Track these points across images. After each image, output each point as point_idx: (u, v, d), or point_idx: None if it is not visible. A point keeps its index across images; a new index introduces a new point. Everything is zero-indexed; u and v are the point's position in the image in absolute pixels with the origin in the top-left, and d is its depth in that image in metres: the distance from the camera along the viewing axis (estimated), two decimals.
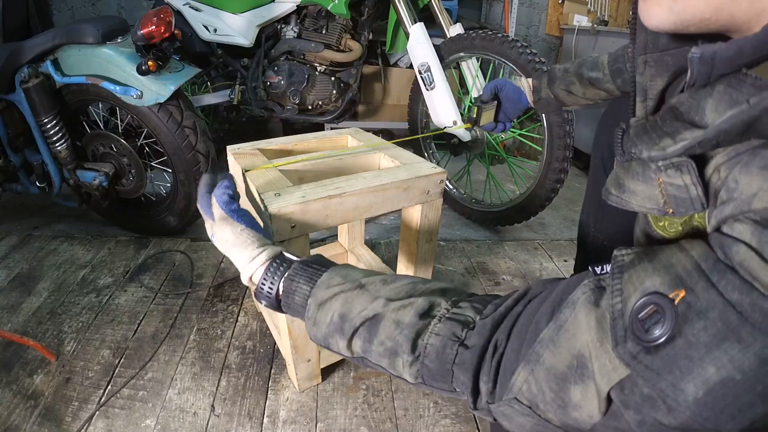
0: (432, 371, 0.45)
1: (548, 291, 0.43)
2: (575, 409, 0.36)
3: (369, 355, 0.49)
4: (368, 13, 1.72)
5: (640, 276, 0.35)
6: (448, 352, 0.44)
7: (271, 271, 0.55)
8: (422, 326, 0.46)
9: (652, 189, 0.40)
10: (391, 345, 0.47)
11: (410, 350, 0.46)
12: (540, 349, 0.39)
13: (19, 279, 1.27)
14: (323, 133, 1.07)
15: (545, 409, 0.38)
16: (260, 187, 0.74)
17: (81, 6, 2.50)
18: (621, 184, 0.44)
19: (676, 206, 0.37)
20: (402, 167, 0.86)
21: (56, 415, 0.86)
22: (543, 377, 0.38)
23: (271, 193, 0.72)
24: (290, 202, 0.70)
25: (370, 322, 0.49)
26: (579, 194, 2.03)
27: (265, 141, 0.99)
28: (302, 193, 0.73)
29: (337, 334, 0.50)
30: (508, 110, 1.05)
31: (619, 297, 0.35)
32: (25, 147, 1.36)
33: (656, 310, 0.32)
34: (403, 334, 0.46)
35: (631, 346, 0.32)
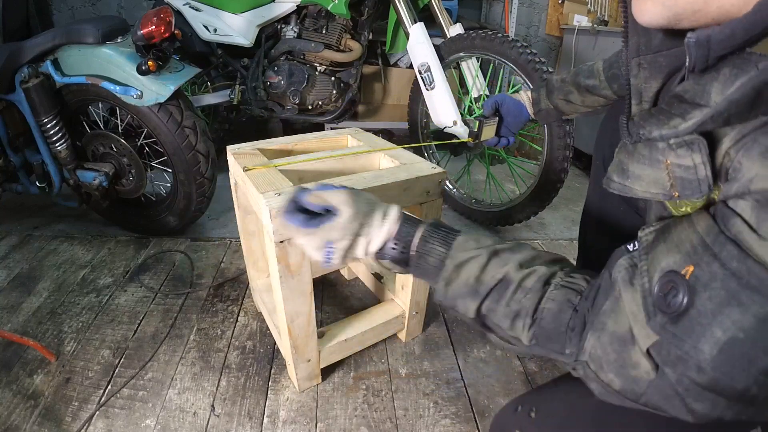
0: (548, 332, 0.50)
1: (604, 272, 0.49)
2: (634, 368, 0.41)
3: (493, 314, 0.53)
4: (368, 13, 1.72)
5: (658, 256, 0.40)
6: (563, 316, 0.49)
7: (405, 229, 0.58)
8: (543, 292, 0.51)
9: (659, 172, 0.41)
10: (516, 308, 0.51)
11: (531, 313, 0.50)
12: (604, 318, 0.44)
13: (19, 279, 1.27)
14: (323, 133, 1.07)
15: (608, 370, 0.43)
16: (260, 186, 0.74)
17: (81, 6, 2.50)
18: (624, 170, 0.45)
19: (682, 189, 0.39)
20: (402, 167, 0.86)
21: (56, 415, 0.86)
22: (608, 341, 0.43)
23: (272, 193, 0.72)
24: None
25: (501, 284, 0.52)
26: (579, 194, 2.03)
27: (265, 141, 0.99)
28: None
29: (469, 296, 0.54)
30: (510, 124, 1.06)
31: (646, 277, 0.41)
32: (25, 147, 1.36)
33: (672, 286, 0.38)
34: (527, 297, 0.51)
35: (660, 318, 0.38)
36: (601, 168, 0.89)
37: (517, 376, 0.99)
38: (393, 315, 1.01)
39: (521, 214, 1.52)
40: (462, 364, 1.02)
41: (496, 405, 0.92)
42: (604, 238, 0.93)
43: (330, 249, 0.58)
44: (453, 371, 1.00)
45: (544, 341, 0.50)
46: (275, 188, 0.74)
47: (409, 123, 1.88)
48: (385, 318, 1.00)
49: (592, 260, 0.97)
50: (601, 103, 0.92)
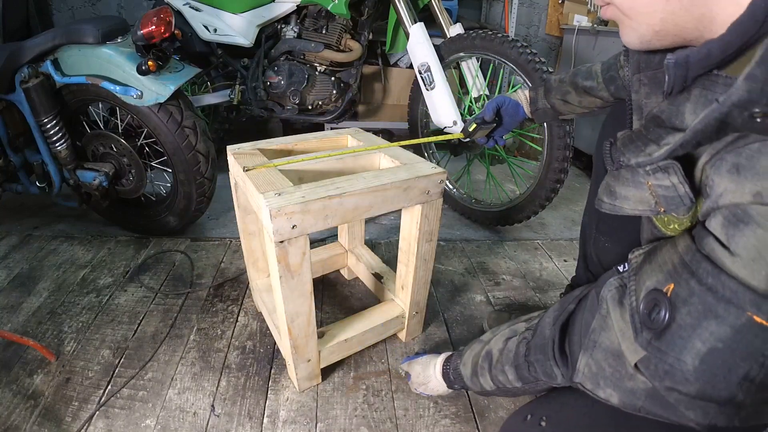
0: (521, 370, 0.61)
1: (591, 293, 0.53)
2: (631, 379, 0.43)
3: (495, 381, 0.67)
4: (368, 13, 1.72)
5: (644, 276, 0.43)
6: (520, 349, 0.59)
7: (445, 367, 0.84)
8: (511, 345, 0.64)
9: (643, 192, 0.45)
10: (499, 367, 0.65)
11: (511, 362, 0.63)
12: (594, 336, 0.47)
13: (19, 279, 1.27)
14: (323, 133, 1.07)
15: (605, 386, 0.46)
16: (260, 186, 0.74)
17: (81, 6, 2.50)
18: (612, 192, 0.49)
19: (667, 205, 0.43)
20: (402, 167, 0.86)
21: (56, 415, 0.86)
22: (601, 357, 0.46)
23: (272, 193, 0.72)
24: (290, 202, 0.69)
25: (485, 357, 0.69)
26: (579, 194, 2.03)
27: (265, 141, 0.99)
28: (302, 193, 0.72)
29: (477, 378, 0.71)
30: (506, 124, 1.06)
31: (633, 296, 0.44)
32: (25, 147, 1.36)
33: (656, 304, 0.40)
34: (501, 354, 0.65)
35: (646, 334, 0.41)
36: (601, 170, 0.89)
37: None
38: (393, 315, 1.01)
39: (521, 214, 1.52)
40: None
41: (496, 405, 0.92)
42: (604, 238, 0.94)
43: (420, 392, 0.90)
44: None
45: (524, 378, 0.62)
46: (275, 188, 0.74)
47: (409, 123, 1.88)
48: (385, 318, 1.00)
49: (593, 262, 0.97)
50: (597, 104, 0.92)
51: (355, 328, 0.96)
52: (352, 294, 1.25)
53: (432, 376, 0.85)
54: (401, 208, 0.85)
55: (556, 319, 0.56)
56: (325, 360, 0.93)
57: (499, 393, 0.70)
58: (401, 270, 1.00)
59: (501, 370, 0.64)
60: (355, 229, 1.25)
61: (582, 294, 0.54)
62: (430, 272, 0.99)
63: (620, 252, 0.93)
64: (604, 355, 0.46)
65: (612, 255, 0.94)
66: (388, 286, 1.10)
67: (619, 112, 0.86)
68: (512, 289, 1.30)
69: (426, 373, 0.86)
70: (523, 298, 1.27)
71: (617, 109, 0.88)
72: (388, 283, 1.11)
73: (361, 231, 1.27)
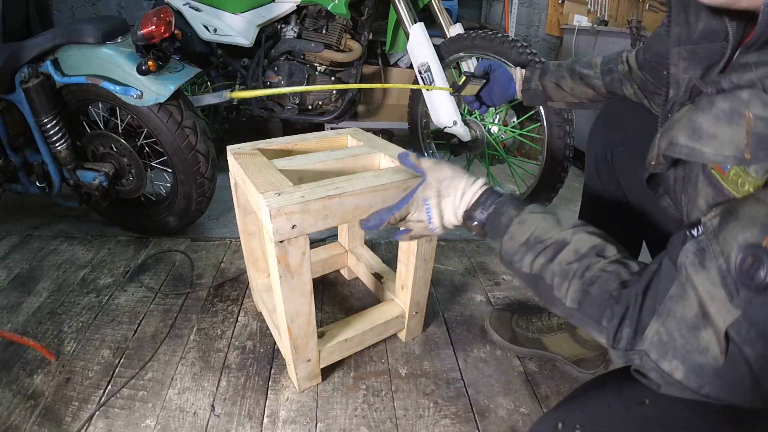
0: (592, 298, 0.50)
1: (664, 258, 0.48)
2: (702, 354, 0.40)
3: (545, 272, 0.55)
4: (368, 13, 1.72)
5: (732, 233, 0.39)
6: (611, 285, 0.49)
7: (487, 193, 0.65)
8: (595, 261, 0.52)
9: (737, 130, 0.40)
10: (567, 268, 0.53)
11: (580, 276, 0.51)
12: (670, 304, 0.43)
13: (19, 279, 1.27)
14: (323, 133, 1.07)
15: (672, 357, 0.42)
16: (260, 186, 0.74)
17: (81, 6, 2.50)
18: (696, 130, 0.44)
19: (757, 148, 0.38)
20: (402, 167, 0.86)
21: (56, 415, 0.86)
22: (674, 326, 0.42)
23: (272, 193, 0.72)
24: (290, 202, 0.69)
25: (557, 244, 0.55)
26: (579, 194, 2.02)
27: (265, 141, 0.99)
28: (302, 193, 0.72)
29: (526, 250, 0.57)
30: (493, 93, 1.05)
31: (721, 257, 0.39)
32: (25, 147, 1.36)
33: (755, 259, 0.37)
34: (579, 262, 0.52)
35: (744, 294, 0.37)
36: (592, 169, 0.89)
37: (518, 376, 0.99)
38: (393, 315, 1.01)
39: None
40: (462, 364, 1.02)
41: (496, 405, 0.92)
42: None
43: (428, 207, 0.68)
44: (453, 371, 1.00)
45: (585, 307, 0.51)
46: (275, 188, 0.74)
47: (409, 123, 1.88)
48: (385, 318, 1.00)
49: None
50: (588, 95, 0.92)
51: (356, 328, 0.96)
52: (352, 294, 1.25)
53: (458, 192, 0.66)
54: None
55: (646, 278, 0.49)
56: (325, 360, 0.93)
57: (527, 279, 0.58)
58: (401, 270, 1.00)
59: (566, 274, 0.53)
60: (355, 229, 1.25)
61: (662, 256, 0.49)
62: (430, 272, 0.99)
63: None
64: (678, 325, 0.42)
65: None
66: (388, 286, 1.10)
67: (613, 109, 0.86)
68: (512, 289, 1.30)
69: (454, 183, 0.67)
70: (523, 298, 1.27)
71: (608, 109, 0.87)
72: (388, 283, 1.11)
73: (361, 231, 1.27)
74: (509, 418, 0.89)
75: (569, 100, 0.97)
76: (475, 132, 1.52)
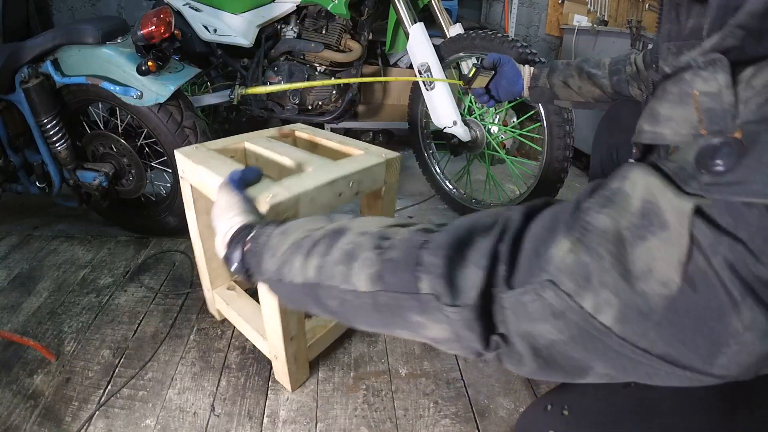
0: (396, 263, 0.37)
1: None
2: (643, 278, 0.27)
3: (323, 272, 0.42)
4: (368, 13, 1.72)
5: (690, 142, 0.32)
6: (416, 238, 0.37)
7: (242, 229, 0.53)
8: (392, 232, 0.40)
9: (688, 109, 0.37)
10: (351, 248, 0.40)
11: (372, 247, 0.39)
12: (588, 217, 0.30)
13: (19, 279, 1.27)
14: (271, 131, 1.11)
15: (600, 284, 0.28)
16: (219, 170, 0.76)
17: (81, 6, 2.50)
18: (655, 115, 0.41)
19: (710, 122, 0.33)
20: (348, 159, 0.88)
21: (56, 415, 0.86)
22: (596, 241, 0.29)
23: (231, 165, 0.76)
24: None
25: (332, 233, 0.43)
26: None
27: (211, 141, 1.00)
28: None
29: (294, 255, 0.45)
30: (501, 88, 1.05)
31: (676, 155, 0.31)
32: (25, 147, 1.36)
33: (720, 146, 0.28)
34: (366, 236, 0.41)
35: (707, 178, 0.28)
36: (597, 168, 0.90)
37: (517, 376, 0.99)
38: None
39: None
40: (462, 364, 1.02)
41: (496, 405, 0.92)
42: None
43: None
44: (453, 371, 1.00)
45: (391, 276, 0.37)
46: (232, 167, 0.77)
47: (409, 123, 1.88)
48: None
49: None
50: (595, 95, 0.92)
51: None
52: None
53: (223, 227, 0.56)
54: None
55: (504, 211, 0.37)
56: (313, 353, 0.95)
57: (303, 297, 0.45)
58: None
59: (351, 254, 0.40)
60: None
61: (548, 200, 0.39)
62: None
63: None
64: (602, 238, 0.29)
65: None
66: None
67: (618, 109, 0.87)
68: None
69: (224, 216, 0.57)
70: None
71: (613, 111, 0.88)
72: None
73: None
74: (509, 418, 0.89)
75: (575, 99, 0.98)
76: (475, 132, 1.52)
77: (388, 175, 0.91)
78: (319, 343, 0.96)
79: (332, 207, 0.81)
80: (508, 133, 1.77)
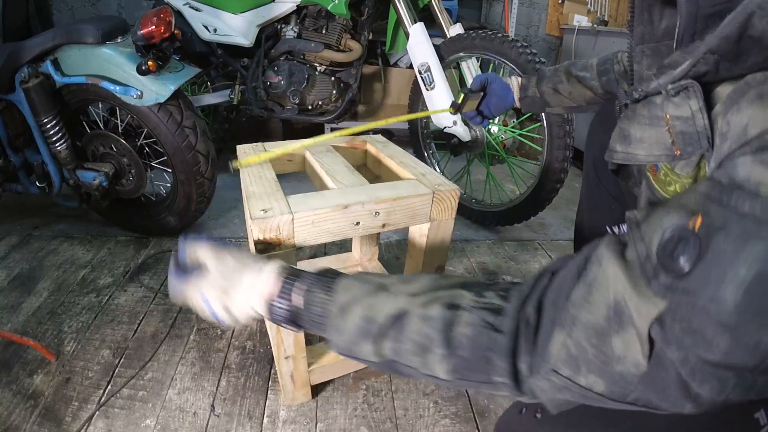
0: (469, 362, 0.43)
1: (572, 260, 0.42)
2: (619, 362, 0.35)
3: (400, 356, 0.46)
4: (368, 13, 1.72)
5: (657, 220, 0.36)
6: (482, 339, 0.42)
7: (286, 285, 0.52)
8: (451, 318, 0.44)
9: (660, 130, 0.40)
10: (421, 340, 0.44)
11: (442, 343, 0.43)
12: (574, 311, 0.38)
13: (19, 279, 1.27)
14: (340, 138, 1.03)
15: (588, 371, 0.37)
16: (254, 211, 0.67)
17: (81, 6, 2.50)
18: (626, 136, 0.44)
19: (684, 145, 0.37)
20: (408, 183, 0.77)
21: (56, 415, 0.86)
22: (582, 336, 0.37)
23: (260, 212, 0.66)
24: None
25: (397, 320, 0.46)
26: (579, 194, 2.03)
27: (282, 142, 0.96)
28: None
29: (362, 339, 0.47)
30: (492, 105, 1.06)
31: (641, 243, 0.36)
32: (25, 147, 1.36)
33: (679, 240, 0.33)
34: (432, 327, 0.44)
35: (664, 279, 0.33)
36: (591, 168, 0.90)
37: None
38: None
39: (521, 214, 1.52)
40: None
41: (496, 405, 0.92)
42: (596, 236, 0.94)
43: (207, 301, 0.55)
44: None
45: (467, 372, 0.43)
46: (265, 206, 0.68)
47: (409, 123, 1.88)
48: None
49: None
50: (587, 97, 0.92)
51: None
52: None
53: (245, 285, 0.54)
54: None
55: (525, 298, 0.43)
56: (316, 378, 0.91)
57: (381, 367, 0.49)
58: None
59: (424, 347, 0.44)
60: (370, 243, 1.22)
61: (556, 266, 0.44)
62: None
63: None
64: (586, 333, 0.36)
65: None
66: None
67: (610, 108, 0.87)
68: None
69: (239, 276, 0.55)
70: None
71: (606, 108, 0.88)
72: None
73: (374, 246, 1.23)
74: None
75: (567, 105, 0.98)
76: (475, 132, 1.52)
77: (436, 211, 0.76)
78: (326, 371, 0.90)
79: (345, 235, 0.70)
80: (508, 133, 1.77)
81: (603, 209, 0.90)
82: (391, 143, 1.03)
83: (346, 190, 0.73)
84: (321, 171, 0.84)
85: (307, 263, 1.21)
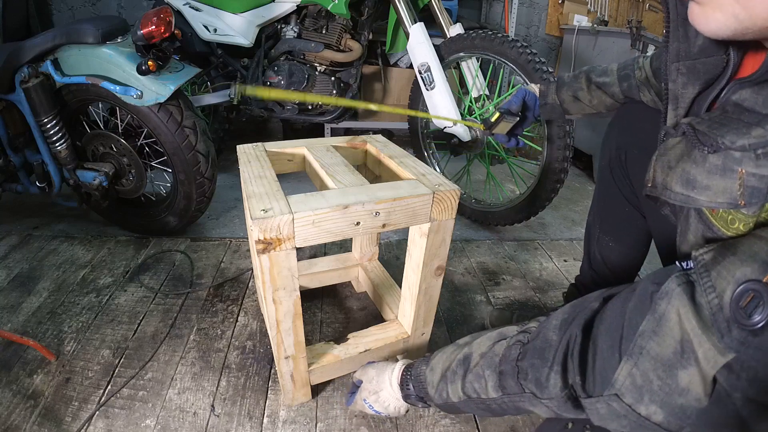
0: (506, 374, 0.52)
1: (627, 290, 0.46)
2: (682, 395, 0.37)
3: (467, 389, 0.58)
4: (368, 13, 1.72)
5: (728, 270, 0.37)
6: (512, 352, 0.52)
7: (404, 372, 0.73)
8: (499, 347, 0.56)
9: (730, 182, 0.40)
10: (478, 370, 0.57)
11: (490, 365, 0.55)
12: (642, 342, 0.40)
13: (19, 279, 1.27)
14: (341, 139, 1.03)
15: (650, 401, 0.39)
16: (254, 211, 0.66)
17: (81, 6, 2.50)
18: (690, 181, 0.44)
19: (750, 197, 0.38)
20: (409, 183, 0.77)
21: (56, 415, 0.86)
22: (650, 367, 0.39)
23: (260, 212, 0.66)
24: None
25: (462, 361, 0.60)
26: (579, 194, 2.03)
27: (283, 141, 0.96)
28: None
29: (446, 386, 0.62)
30: (527, 117, 1.03)
31: (713, 293, 0.37)
32: (25, 147, 1.36)
33: (754, 296, 0.34)
34: (485, 357, 0.57)
35: (737, 334, 0.34)
36: (606, 169, 0.89)
37: None
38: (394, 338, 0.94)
39: (521, 213, 1.52)
40: None
41: None
42: (608, 237, 0.94)
43: (369, 404, 0.77)
44: None
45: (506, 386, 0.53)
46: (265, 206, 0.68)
47: (409, 123, 1.88)
48: (386, 341, 0.93)
49: (597, 259, 0.97)
50: (607, 104, 0.91)
51: (348, 351, 0.90)
52: (364, 307, 1.25)
53: (386, 383, 0.74)
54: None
55: (568, 321, 0.48)
56: (315, 379, 0.90)
57: (465, 408, 0.61)
58: (405, 293, 0.94)
59: (479, 374, 0.56)
60: (370, 243, 1.21)
61: (609, 293, 0.47)
62: (438, 289, 0.90)
63: (623, 251, 0.93)
64: (653, 365, 0.39)
65: (615, 254, 0.94)
66: (392, 307, 1.04)
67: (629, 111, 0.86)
68: (512, 289, 1.30)
69: (380, 378, 0.75)
70: (523, 298, 1.27)
71: (623, 110, 0.87)
72: (392, 305, 1.05)
73: (374, 246, 1.22)
74: (509, 418, 0.89)
75: (587, 112, 0.95)
76: (475, 132, 1.52)
77: (436, 212, 0.76)
78: (326, 371, 0.90)
79: (345, 235, 0.71)
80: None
81: (615, 210, 0.90)
82: (392, 143, 1.02)
83: (347, 190, 0.74)
84: (321, 171, 0.84)
85: (307, 263, 1.21)
